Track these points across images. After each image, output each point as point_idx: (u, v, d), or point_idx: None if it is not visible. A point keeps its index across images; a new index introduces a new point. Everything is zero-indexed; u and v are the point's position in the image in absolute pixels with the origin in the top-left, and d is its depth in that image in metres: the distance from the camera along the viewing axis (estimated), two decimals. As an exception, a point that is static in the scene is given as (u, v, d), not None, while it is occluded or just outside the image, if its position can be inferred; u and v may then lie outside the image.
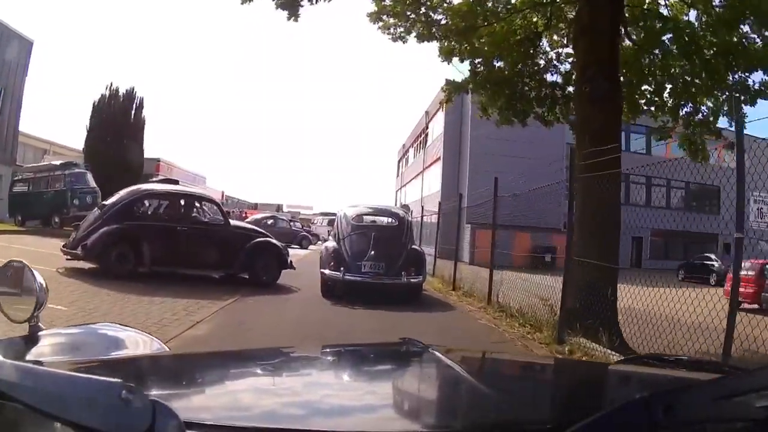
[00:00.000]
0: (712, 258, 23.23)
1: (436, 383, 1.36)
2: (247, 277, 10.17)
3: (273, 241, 10.77)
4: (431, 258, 15.02)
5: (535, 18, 9.38)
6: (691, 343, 4.25)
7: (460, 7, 9.05)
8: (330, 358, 1.62)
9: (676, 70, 9.09)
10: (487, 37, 9.04)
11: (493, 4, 9.33)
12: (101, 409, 0.66)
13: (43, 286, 1.37)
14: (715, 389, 0.81)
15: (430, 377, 1.41)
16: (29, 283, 1.38)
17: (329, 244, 10.49)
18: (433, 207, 18.66)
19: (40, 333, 1.35)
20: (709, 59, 8.46)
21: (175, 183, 11.42)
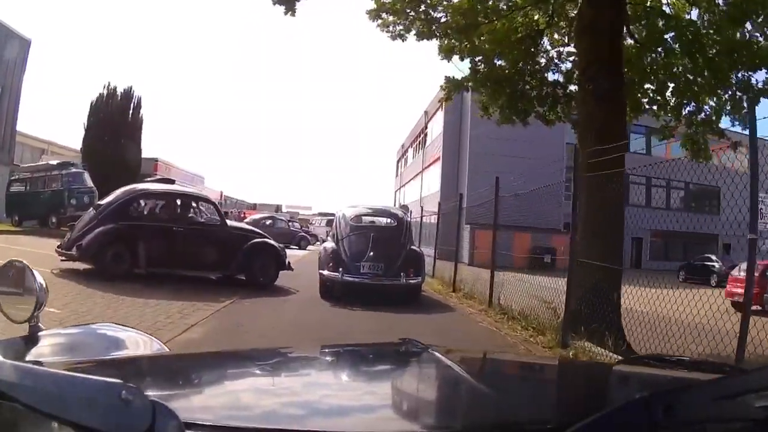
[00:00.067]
0: (713, 259, 23.18)
1: (435, 383, 1.35)
2: (244, 279, 10.03)
3: (270, 241, 10.64)
4: (431, 259, 14.92)
5: (536, 16, 9.28)
6: (701, 348, 4.12)
7: (461, 5, 8.94)
8: (329, 359, 1.61)
9: (679, 68, 9.01)
10: (488, 34, 8.93)
11: (494, 2, 9.24)
12: (101, 409, 0.66)
13: (43, 286, 1.37)
14: (715, 389, 0.81)
15: (430, 377, 1.41)
16: (29, 283, 1.38)
17: (328, 244, 10.42)
18: (432, 207, 18.55)
19: (40, 333, 1.36)
20: (712, 58, 8.37)
21: (171, 183, 11.28)
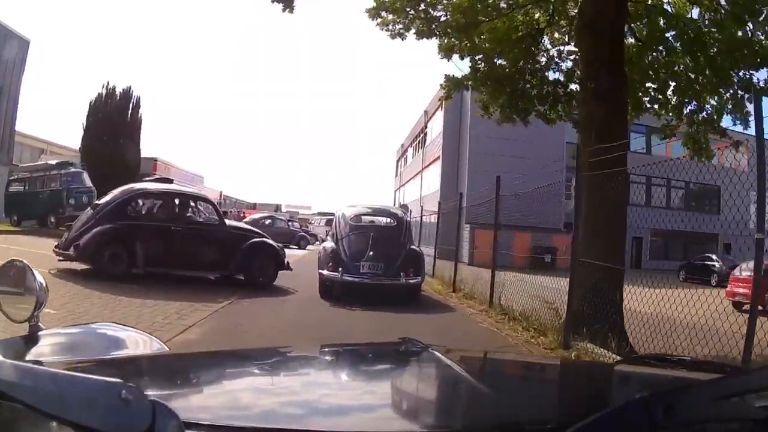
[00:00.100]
0: (713, 258, 23.11)
1: (435, 383, 1.35)
2: (243, 279, 9.97)
3: (269, 241, 10.57)
4: (431, 259, 14.86)
5: (537, 14, 9.23)
6: (707, 349, 4.06)
7: (461, 3, 8.88)
8: (329, 358, 1.60)
9: (680, 67, 8.97)
10: (488, 33, 8.87)
11: (494, 0, 9.17)
12: (101, 409, 0.65)
13: (44, 286, 1.36)
14: (715, 389, 0.81)
15: (430, 377, 1.41)
16: (30, 282, 1.37)
17: (327, 244, 10.37)
18: (432, 206, 18.49)
19: (40, 333, 1.35)
20: (713, 56, 8.32)
21: (169, 182, 11.21)
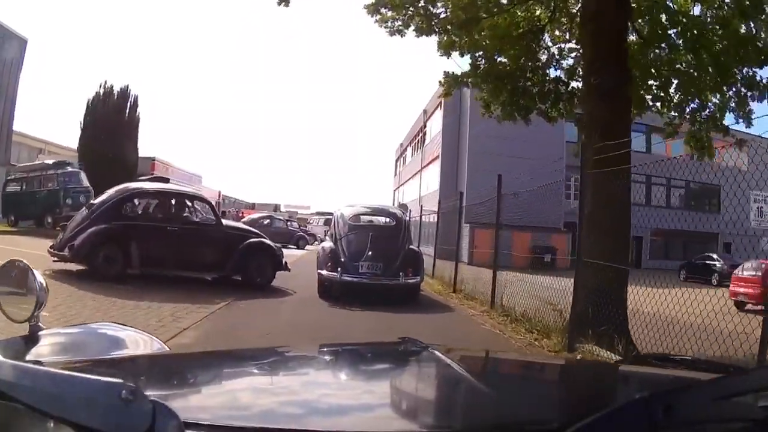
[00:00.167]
0: (714, 258, 23.00)
1: (435, 383, 1.35)
2: (240, 280, 9.83)
3: (267, 241, 10.44)
4: (430, 259, 14.75)
5: (538, 11, 9.10)
6: (718, 352, 3.94)
7: (461, -1, 8.74)
8: (329, 358, 1.59)
9: (683, 65, 8.85)
10: (489, 30, 8.73)
11: (495, -4, 9.03)
12: (101, 409, 0.65)
13: (44, 286, 1.36)
14: (715, 389, 0.81)
15: (430, 377, 1.40)
16: (30, 282, 1.38)
17: (326, 244, 10.31)
18: (431, 206, 18.40)
19: (40, 333, 1.35)
20: (717, 53, 8.20)
21: (165, 181, 11.09)
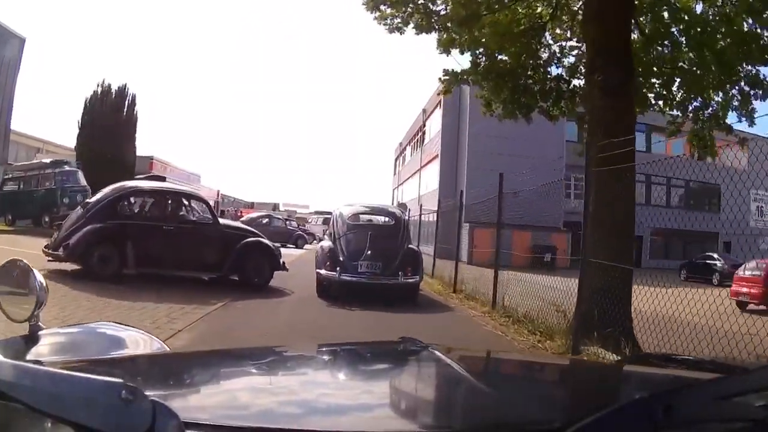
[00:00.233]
0: (715, 257, 22.92)
1: (435, 382, 1.35)
2: (237, 279, 9.70)
3: (265, 240, 10.31)
4: (430, 258, 14.65)
5: (539, 8, 9.00)
6: (723, 354, 3.84)
7: (462, -5, 8.62)
8: (329, 358, 1.58)
9: (685, 62, 8.76)
10: (489, 27, 8.62)
11: (496, -8, 8.91)
12: (101, 409, 0.65)
13: (44, 286, 1.36)
14: (715, 389, 0.81)
15: (429, 376, 1.40)
16: (30, 282, 1.37)
17: (325, 243, 10.25)
18: (430, 205, 18.30)
19: (40, 332, 1.35)
20: (720, 51, 8.11)
21: (161, 180, 10.97)
